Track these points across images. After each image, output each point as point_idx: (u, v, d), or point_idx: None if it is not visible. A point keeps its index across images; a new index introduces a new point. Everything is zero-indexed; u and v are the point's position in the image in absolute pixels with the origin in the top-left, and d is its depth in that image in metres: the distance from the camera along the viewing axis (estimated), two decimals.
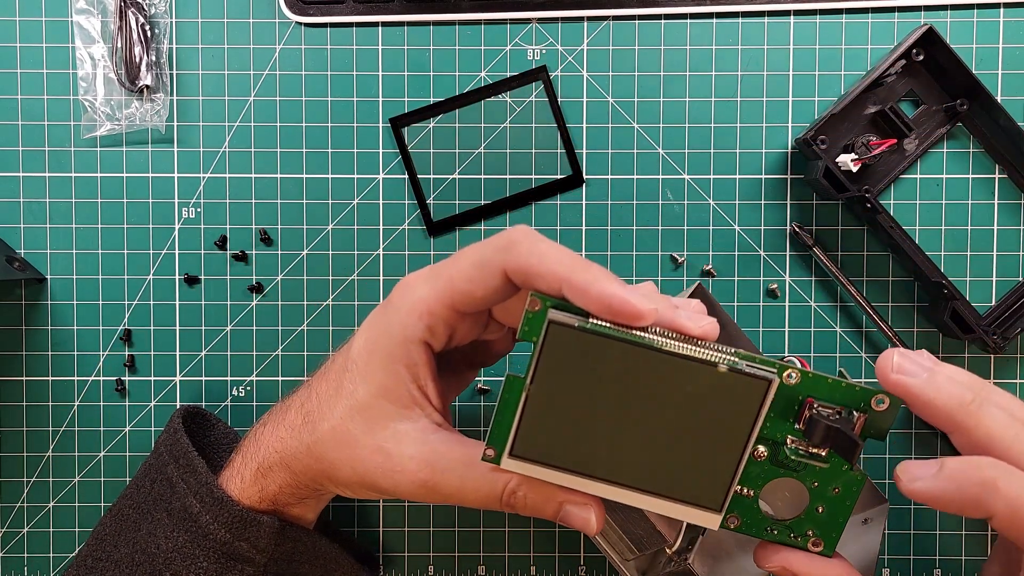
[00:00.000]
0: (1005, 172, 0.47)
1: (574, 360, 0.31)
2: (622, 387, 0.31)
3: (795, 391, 0.31)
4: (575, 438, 0.31)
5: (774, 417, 0.31)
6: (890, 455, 0.47)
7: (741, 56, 0.47)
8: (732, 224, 0.47)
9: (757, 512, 0.33)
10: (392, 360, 0.34)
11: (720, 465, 0.31)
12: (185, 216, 0.47)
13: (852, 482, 0.32)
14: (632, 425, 0.31)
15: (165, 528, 0.38)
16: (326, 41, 0.47)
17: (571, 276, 0.30)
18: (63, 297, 0.47)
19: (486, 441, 0.32)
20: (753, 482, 0.32)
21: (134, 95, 0.47)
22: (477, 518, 0.48)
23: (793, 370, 0.31)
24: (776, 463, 0.32)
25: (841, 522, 0.32)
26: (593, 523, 0.33)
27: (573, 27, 0.47)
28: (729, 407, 0.31)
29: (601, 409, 0.31)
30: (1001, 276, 0.47)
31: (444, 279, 0.34)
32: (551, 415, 0.31)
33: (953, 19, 0.47)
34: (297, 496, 0.38)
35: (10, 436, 0.48)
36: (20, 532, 0.48)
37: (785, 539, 0.33)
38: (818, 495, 0.32)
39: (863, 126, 0.46)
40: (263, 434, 0.38)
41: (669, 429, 0.31)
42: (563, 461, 0.32)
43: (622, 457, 0.31)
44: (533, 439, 0.32)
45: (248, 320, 0.47)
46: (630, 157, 0.47)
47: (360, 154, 0.47)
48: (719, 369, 0.30)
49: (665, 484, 0.32)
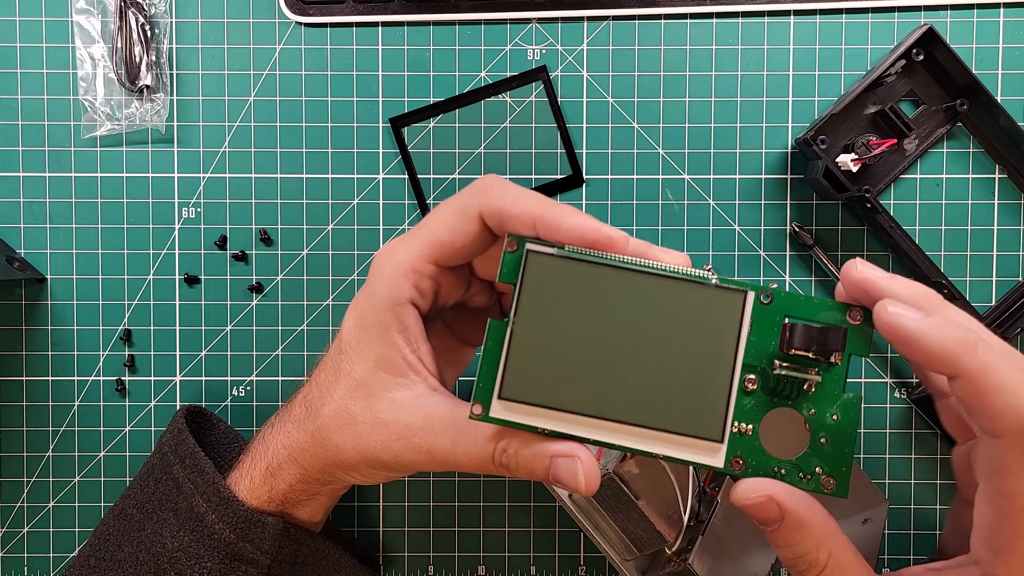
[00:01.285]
0: (1005, 172, 0.47)
1: (556, 291, 0.31)
2: (606, 315, 0.31)
3: (772, 312, 0.32)
4: (564, 375, 0.31)
5: (756, 341, 0.31)
6: (890, 455, 0.47)
7: (741, 56, 0.47)
8: (732, 224, 0.47)
9: (761, 451, 0.31)
10: (384, 328, 0.34)
11: (713, 390, 0.31)
12: (185, 216, 0.47)
13: (848, 406, 0.31)
14: (620, 355, 0.31)
15: (171, 528, 0.38)
16: (326, 41, 0.47)
17: (544, 212, 0.32)
18: (63, 297, 0.47)
19: (472, 398, 0.31)
20: (749, 416, 0.31)
21: (134, 95, 0.47)
22: (477, 518, 0.48)
23: (765, 291, 0.32)
24: (768, 392, 0.32)
25: (847, 453, 0.31)
26: (581, 477, 0.31)
27: (573, 27, 0.47)
28: (712, 328, 0.31)
29: (587, 341, 0.31)
30: (1001, 276, 0.47)
31: (421, 236, 0.34)
32: (538, 351, 0.31)
33: (953, 19, 0.47)
34: (308, 492, 0.38)
35: (10, 436, 0.48)
36: (20, 532, 0.48)
37: (794, 480, 0.31)
38: (818, 424, 0.31)
39: (863, 126, 0.46)
40: (270, 434, 0.38)
41: (656, 357, 0.31)
42: (554, 400, 0.31)
43: (613, 391, 0.31)
44: (521, 379, 0.31)
45: (248, 320, 0.47)
46: (630, 157, 0.47)
47: (360, 154, 0.47)
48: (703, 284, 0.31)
49: (660, 417, 0.31)
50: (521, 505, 0.48)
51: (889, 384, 0.47)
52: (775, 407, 0.32)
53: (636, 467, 0.41)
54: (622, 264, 0.31)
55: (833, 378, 0.31)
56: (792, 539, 0.30)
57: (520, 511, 0.48)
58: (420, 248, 0.34)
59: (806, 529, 0.30)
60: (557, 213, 0.31)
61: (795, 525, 0.30)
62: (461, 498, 0.48)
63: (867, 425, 0.47)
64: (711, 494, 0.43)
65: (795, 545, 0.30)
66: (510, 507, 0.48)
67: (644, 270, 0.31)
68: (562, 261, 0.32)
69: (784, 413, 0.32)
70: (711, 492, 0.44)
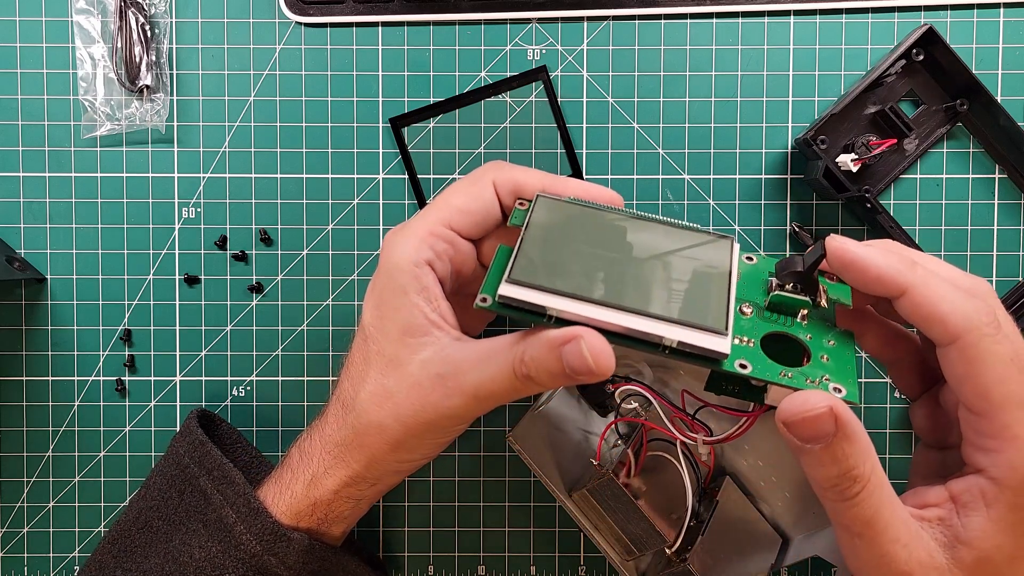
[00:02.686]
0: (1005, 172, 0.47)
1: (563, 219, 0.34)
2: (609, 241, 0.34)
3: (757, 271, 0.35)
4: (571, 270, 0.32)
5: (746, 289, 0.34)
6: (891, 455, 0.47)
7: (741, 56, 0.47)
8: (732, 224, 0.47)
9: (764, 358, 0.31)
10: (403, 293, 0.35)
11: (712, 297, 0.32)
12: (185, 216, 0.47)
13: (843, 334, 0.33)
14: (622, 268, 0.33)
15: (200, 538, 0.38)
16: (326, 41, 0.47)
17: (552, 180, 0.37)
18: (63, 297, 0.47)
19: (479, 292, 0.33)
20: (750, 332, 0.32)
21: (134, 95, 0.47)
22: (477, 518, 0.48)
23: (751, 255, 0.36)
24: (763, 319, 0.33)
25: (851, 368, 0.31)
26: (587, 354, 0.30)
27: (573, 27, 0.47)
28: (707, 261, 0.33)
29: (592, 255, 0.33)
30: (1001, 276, 0.47)
31: (436, 205, 0.37)
32: (546, 254, 0.33)
33: (953, 19, 0.47)
34: (354, 496, 0.38)
35: (10, 436, 0.48)
36: (20, 532, 0.48)
37: (801, 383, 0.31)
38: (817, 345, 0.32)
39: (863, 126, 0.46)
40: (309, 444, 0.38)
41: (657, 275, 0.33)
42: (561, 285, 0.31)
43: (618, 288, 0.32)
44: (529, 267, 0.32)
45: (248, 320, 0.47)
46: (630, 157, 0.47)
47: (360, 154, 0.47)
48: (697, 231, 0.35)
49: (665, 308, 0.31)
50: (521, 505, 0.48)
51: (889, 384, 0.47)
52: (771, 329, 0.33)
53: (636, 477, 0.41)
54: (624, 211, 0.35)
55: (823, 317, 0.33)
56: (843, 452, 0.29)
57: (520, 511, 0.48)
58: (435, 216, 0.36)
59: (856, 442, 0.30)
60: (563, 179, 0.37)
61: (848, 437, 0.29)
62: (461, 498, 0.48)
63: (867, 425, 0.47)
64: (711, 494, 0.43)
65: (844, 460, 0.30)
66: (510, 507, 0.48)
67: (645, 217, 0.35)
68: (569, 204, 0.35)
69: (782, 336, 0.33)
70: (711, 492, 0.44)
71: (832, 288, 0.34)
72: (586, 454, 0.45)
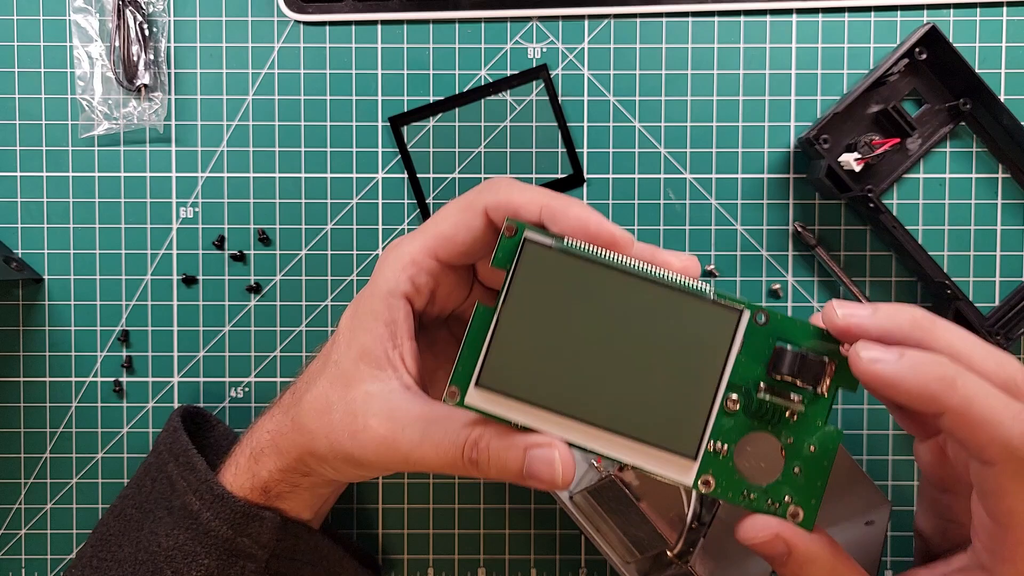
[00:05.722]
0: (1008, 171, 0.47)
1: (548, 285, 0.31)
2: (595, 316, 0.30)
3: (765, 334, 0.31)
4: (546, 371, 0.30)
5: (745, 361, 0.31)
6: (892, 455, 0.47)
7: (743, 55, 0.47)
8: (734, 224, 0.47)
9: (733, 473, 0.31)
10: (375, 318, 0.34)
11: (695, 405, 0.30)
12: (183, 216, 0.47)
13: (827, 438, 0.31)
14: (605, 358, 0.30)
15: (166, 526, 0.38)
16: (325, 40, 0.47)
17: (550, 200, 0.32)
18: (61, 297, 0.47)
19: (449, 382, 0.30)
20: (727, 436, 0.31)
21: (132, 94, 0.46)
22: (477, 520, 0.48)
23: (762, 311, 0.31)
24: (750, 414, 0.31)
25: (819, 486, 0.31)
26: (558, 467, 0.29)
27: (574, 25, 0.47)
28: (703, 342, 0.30)
29: (573, 339, 0.30)
30: (1005, 276, 0.47)
31: (425, 230, 0.35)
32: (522, 343, 0.30)
33: (956, 18, 0.47)
34: (287, 483, 0.38)
35: (7, 437, 0.47)
36: (17, 534, 0.47)
37: (762, 506, 0.31)
38: (794, 453, 0.31)
39: (866, 125, 0.46)
40: (259, 423, 0.39)
41: (642, 364, 0.30)
42: (532, 396, 0.30)
43: (594, 394, 0.30)
44: (501, 369, 0.30)
45: (246, 321, 0.47)
46: (631, 156, 0.47)
47: (359, 153, 0.47)
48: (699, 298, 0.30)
49: (637, 425, 0.30)
50: (521, 507, 0.48)
51: None
52: (754, 430, 0.31)
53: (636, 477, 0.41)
54: (619, 266, 0.30)
55: (817, 408, 0.31)
56: (801, 573, 0.30)
57: (520, 513, 0.48)
58: (423, 242, 0.34)
59: (814, 562, 0.30)
60: (564, 202, 0.31)
61: (803, 560, 0.30)
62: (461, 500, 0.48)
63: (870, 427, 0.47)
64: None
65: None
66: (510, 509, 0.48)
67: (641, 275, 0.31)
68: (559, 255, 0.31)
69: (762, 438, 0.31)
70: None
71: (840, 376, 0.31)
72: (587, 455, 0.44)
